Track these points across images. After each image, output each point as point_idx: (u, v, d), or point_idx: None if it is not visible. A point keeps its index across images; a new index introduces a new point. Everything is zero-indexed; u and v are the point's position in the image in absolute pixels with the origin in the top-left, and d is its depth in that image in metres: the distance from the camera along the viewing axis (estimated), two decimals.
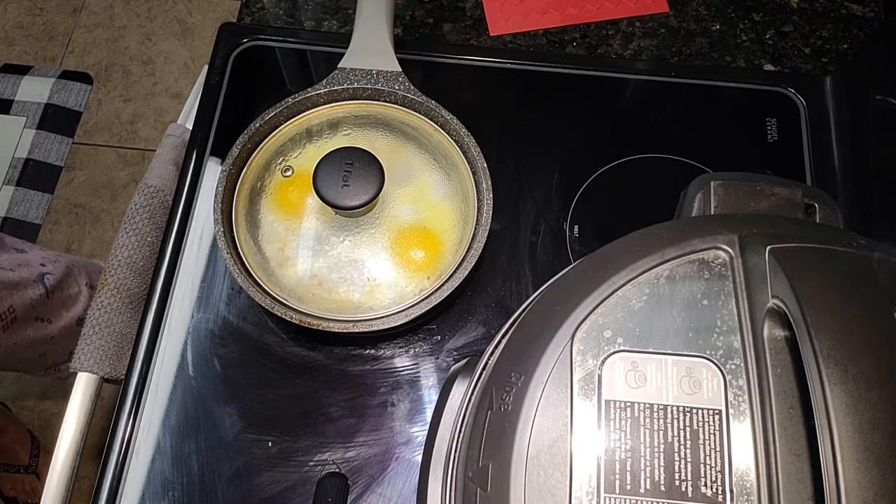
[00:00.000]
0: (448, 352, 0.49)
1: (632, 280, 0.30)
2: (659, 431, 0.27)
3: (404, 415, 0.47)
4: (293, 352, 0.49)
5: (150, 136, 1.47)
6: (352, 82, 0.50)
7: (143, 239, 0.53)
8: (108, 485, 0.45)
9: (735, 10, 0.62)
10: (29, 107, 1.49)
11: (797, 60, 0.60)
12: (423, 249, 0.48)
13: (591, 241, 0.52)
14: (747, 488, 0.26)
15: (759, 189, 0.37)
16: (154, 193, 0.54)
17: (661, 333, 0.29)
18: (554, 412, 0.28)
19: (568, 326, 0.29)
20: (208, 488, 0.45)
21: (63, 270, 0.90)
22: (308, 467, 0.46)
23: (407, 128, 0.50)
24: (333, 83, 0.50)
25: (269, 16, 0.62)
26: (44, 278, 0.85)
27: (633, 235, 0.33)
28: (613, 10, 0.61)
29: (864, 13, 0.61)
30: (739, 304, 0.29)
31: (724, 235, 0.30)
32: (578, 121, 0.57)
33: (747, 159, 0.55)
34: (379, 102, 0.51)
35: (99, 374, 0.49)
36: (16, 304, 0.80)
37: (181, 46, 1.55)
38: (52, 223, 1.40)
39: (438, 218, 0.49)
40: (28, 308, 0.82)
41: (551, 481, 0.27)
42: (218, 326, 0.50)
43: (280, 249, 0.48)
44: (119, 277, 0.51)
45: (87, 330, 0.50)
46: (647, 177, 0.54)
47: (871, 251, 0.29)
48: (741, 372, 0.28)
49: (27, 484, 1.13)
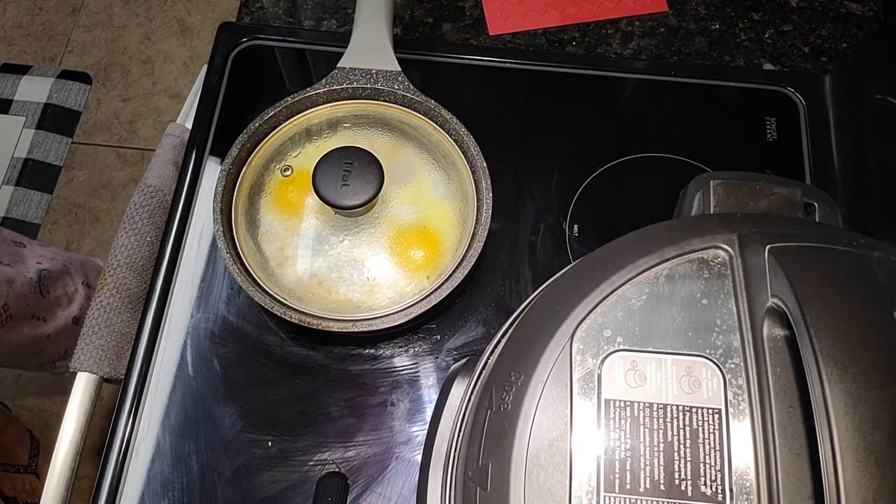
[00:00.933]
0: (448, 351, 0.49)
1: (631, 279, 0.30)
2: (658, 431, 0.27)
3: (404, 414, 0.47)
4: (293, 351, 0.49)
5: (149, 135, 1.47)
6: (351, 82, 0.50)
7: (142, 238, 0.53)
8: (107, 484, 0.45)
9: (734, 9, 0.62)
10: (28, 106, 1.49)
11: (796, 60, 0.60)
12: (422, 249, 0.48)
13: (591, 240, 0.52)
14: (747, 487, 0.26)
15: (759, 188, 0.37)
16: (153, 193, 0.54)
17: (661, 333, 0.29)
18: (554, 411, 0.28)
19: (567, 326, 0.29)
20: (208, 488, 0.45)
21: (59, 268, 0.90)
22: (308, 467, 0.46)
23: (406, 127, 0.50)
24: (333, 83, 0.50)
25: (268, 15, 0.62)
26: (40, 275, 0.85)
27: (633, 235, 0.33)
28: (613, 10, 0.61)
29: (864, 12, 0.61)
30: (739, 303, 0.29)
31: (724, 235, 0.30)
32: (578, 120, 0.57)
33: (747, 158, 0.55)
34: (378, 102, 0.51)
35: (98, 373, 0.49)
36: (10, 301, 0.79)
37: (180, 46, 1.55)
38: (52, 223, 1.40)
39: (438, 217, 0.49)
40: (23, 306, 0.82)
41: (551, 480, 0.27)
42: (217, 326, 0.50)
43: (279, 249, 0.48)
44: (118, 277, 0.51)
45: (86, 330, 0.50)
46: (646, 176, 0.54)
47: (870, 250, 0.29)
48: (741, 371, 0.28)
49: (27, 484, 1.13)
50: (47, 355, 0.91)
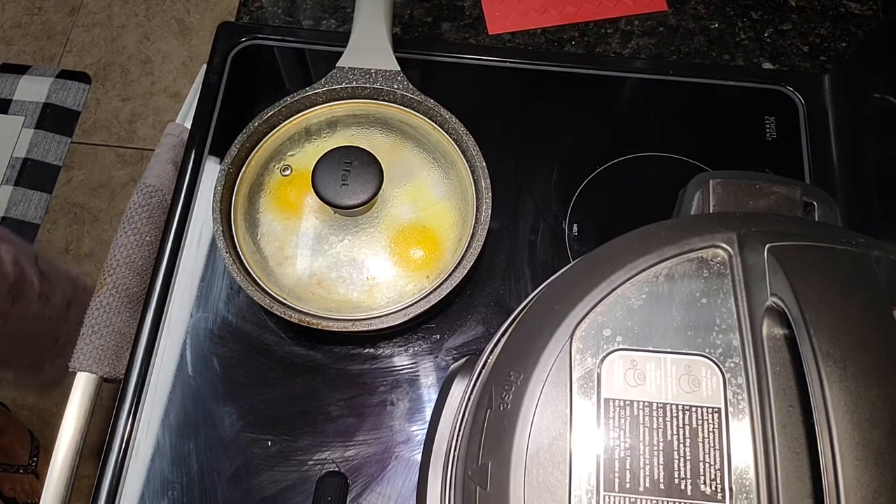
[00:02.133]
0: (447, 350, 0.49)
1: (631, 279, 0.30)
2: (658, 430, 0.27)
3: (404, 414, 0.47)
4: (292, 351, 0.49)
5: (148, 135, 1.47)
6: (350, 81, 0.50)
7: (141, 238, 0.53)
8: (107, 484, 0.45)
9: (734, 8, 0.62)
10: (27, 106, 1.49)
11: (796, 59, 0.60)
12: (422, 248, 0.48)
13: (590, 239, 0.52)
14: (746, 486, 0.26)
15: (758, 187, 0.37)
16: (153, 193, 0.54)
17: (661, 332, 0.29)
18: (553, 411, 0.28)
19: (567, 325, 0.29)
20: (208, 488, 0.45)
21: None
22: (307, 466, 0.46)
23: (406, 127, 0.50)
24: (332, 82, 0.50)
25: (267, 15, 0.62)
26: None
27: (632, 234, 0.33)
28: (612, 9, 0.61)
29: (863, 11, 0.61)
30: (738, 302, 0.29)
31: (723, 234, 0.30)
32: (577, 120, 0.57)
33: (746, 158, 0.55)
34: (377, 101, 0.51)
35: (98, 373, 0.49)
36: None
37: (179, 46, 1.55)
38: (51, 223, 1.40)
39: (437, 217, 0.49)
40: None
41: (551, 480, 0.27)
42: (217, 326, 0.50)
43: (279, 248, 0.48)
44: (118, 277, 0.51)
45: (86, 329, 0.50)
46: (645, 175, 0.54)
47: (869, 249, 0.29)
48: (740, 370, 0.28)
49: (27, 484, 1.13)
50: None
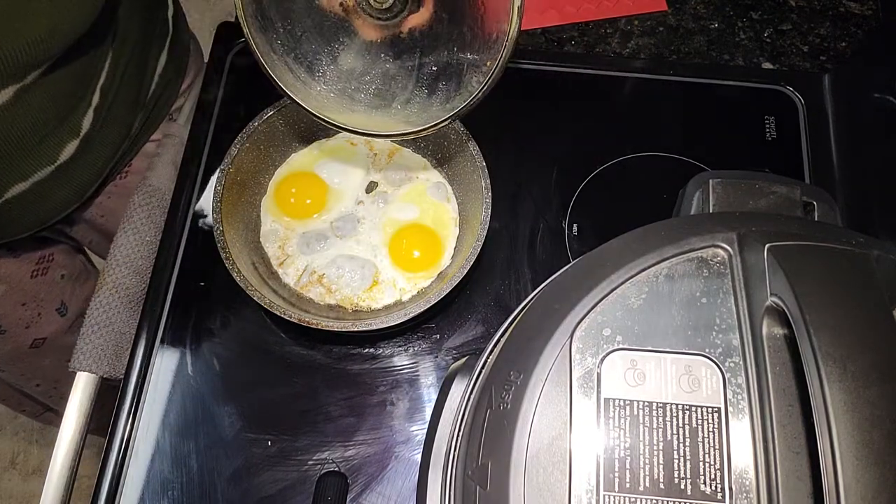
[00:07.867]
0: (447, 350, 0.49)
1: (631, 278, 0.30)
2: (658, 429, 0.27)
3: (403, 413, 0.47)
4: (292, 351, 0.49)
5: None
6: None
7: (141, 238, 0.53)
8: (107, 484, 0.45)
9: (733, 8, 0.62)
10: None
11: (795, 59, 0.60)
12: (421, 248, 0.48)
13: (590, 239, 0.52)
14: (746, 486, 0.26)
15: (758, 187, 0.37)
16: (153, 193, 0.54)
17: (660, 331, 0.29)
18: (553, 410, 0.28)
19: (567, 325, 0.29)
20: (208, 487, 0.45)
21: None
22: (307, 466, 0.46)
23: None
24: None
25: None
26: None
27: (632, 234, 0.33)
28: (612, 9, 0.61)
29: (862, 11, 0.61)
30: (738, 302, 0.29)
31: (723, 233, 0.30)
32: (577, 119, 0.57)
33: (746, 157, 0.55)
34: None
35: (98, 373, 0.49)
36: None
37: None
38: None
39: (437, 217, 0.49)
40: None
41: (551, 479, 0.27)
42: (217, 326, 0.50)
43: (279, 248, 0.48)
44: (118, 276, 0.51)
45: (85, 329, 0.50)
46: (645, 175, 0.54)
47: (869, 249, 0.29)
48: (740, 370, 0.28)
49: None
50: None
